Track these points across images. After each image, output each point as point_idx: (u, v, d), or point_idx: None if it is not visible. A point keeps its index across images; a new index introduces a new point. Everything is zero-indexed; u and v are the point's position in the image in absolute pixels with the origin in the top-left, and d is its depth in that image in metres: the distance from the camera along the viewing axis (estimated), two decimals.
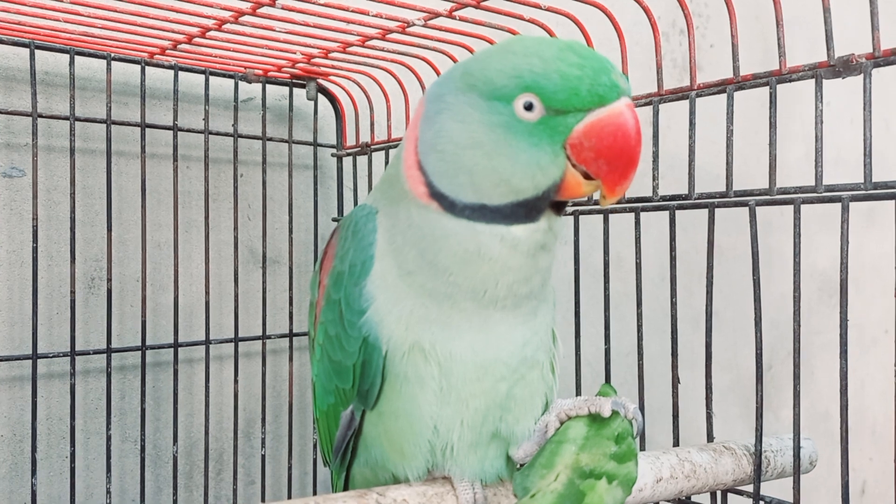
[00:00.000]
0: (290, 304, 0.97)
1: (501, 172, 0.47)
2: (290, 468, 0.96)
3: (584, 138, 0.46)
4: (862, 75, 0.57)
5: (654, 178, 0.71)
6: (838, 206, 0.58)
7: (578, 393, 0.80)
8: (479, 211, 0.49)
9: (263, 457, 0.94)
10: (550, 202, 0.49)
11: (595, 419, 0.54)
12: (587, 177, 0.48)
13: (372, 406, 0.55)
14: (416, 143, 0.51)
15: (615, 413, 0.54)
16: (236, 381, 0.92)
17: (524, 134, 0.47)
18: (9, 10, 0.73)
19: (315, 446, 1.01)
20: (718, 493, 0.68)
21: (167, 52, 0.85)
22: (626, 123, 0.46)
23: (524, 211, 0.49)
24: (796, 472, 0.62)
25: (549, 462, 0.53)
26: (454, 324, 0.52)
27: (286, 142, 0.98)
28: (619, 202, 0.73)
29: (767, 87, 0.63)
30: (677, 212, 0.70)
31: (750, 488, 0.66)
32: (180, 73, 0.90)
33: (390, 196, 0.54)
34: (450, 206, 0.49)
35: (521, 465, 0.56)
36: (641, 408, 0.74)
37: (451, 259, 0.50)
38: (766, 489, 0.64)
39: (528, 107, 0.46)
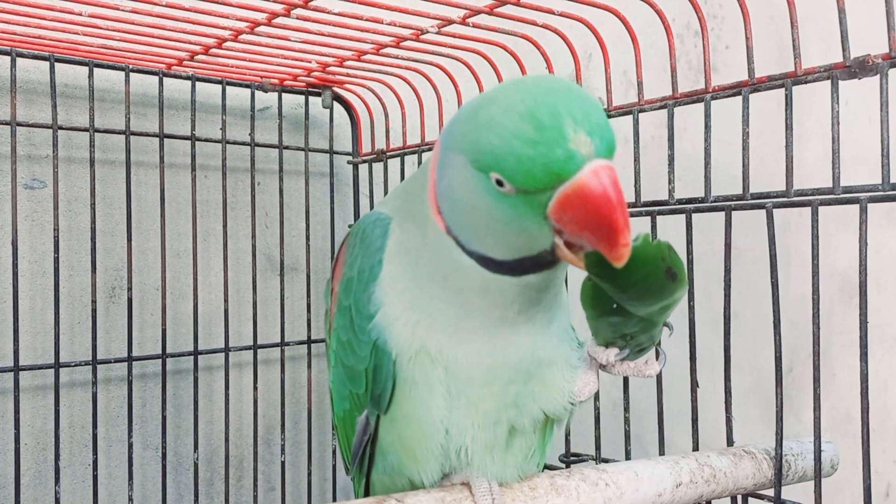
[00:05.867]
0: (308, 310, 0.98)
1: (499, 235, 0.47)
2: (309, 474, 0.97)
3: (560, 212, 0.44)
4: (878, 76, 0.56)
5: (670, 181, 0.70)
6: (857, 206, 0.58)
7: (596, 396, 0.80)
8: (487, 259, 0.49)
9: (283, 463, 0.94)
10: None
11: None
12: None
13: (385, 410, 0.56)
14: (435, 186, 0.51)
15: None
16: (255, 388, 0.93)
17: (508, 204, 0.45)
18: (29, 25, 0.74)
19: (334, 452, 1.01)
20: (739, 498, 0.67)
21: (184, 62, 0.86)
22: (591, 195, 0.42)
23: (530, 264, 0.48)
24: (817, 476, 0.62)
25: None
26: (462, 331, 0.52)
27: (302, 150, 0.99)
28: (634, 206, 0.72)
29: (783, 89, 0.63)
30: (694, 214, 0.70)
31: (771, 492, 0.65)
32: (197, 83, 0.91)
33: (410, 211, 0.54)
34: (463, 246, 0.50)
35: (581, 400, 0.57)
36: (660, 412, 0.74)
37: (464, 285, 0.51)
38: (788, 493, 0.64)
39: (500, 183, 0.45)
